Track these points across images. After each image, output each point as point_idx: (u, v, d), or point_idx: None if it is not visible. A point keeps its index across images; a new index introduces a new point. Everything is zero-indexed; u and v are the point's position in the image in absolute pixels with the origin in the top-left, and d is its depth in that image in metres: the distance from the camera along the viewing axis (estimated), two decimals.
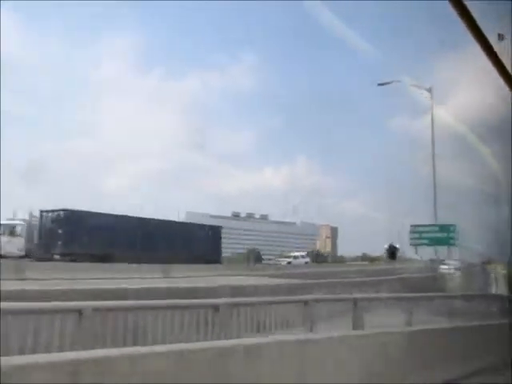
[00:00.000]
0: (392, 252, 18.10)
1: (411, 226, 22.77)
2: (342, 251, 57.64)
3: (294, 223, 70.12)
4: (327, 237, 66.13)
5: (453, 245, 21.79)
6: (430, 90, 22.14)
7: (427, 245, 22.55)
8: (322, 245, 71.95)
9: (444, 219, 22.66)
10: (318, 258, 44.46)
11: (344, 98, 68.87)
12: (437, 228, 22.14)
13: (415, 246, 23.25)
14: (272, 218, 70.97)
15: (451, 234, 21.44)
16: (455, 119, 18.12)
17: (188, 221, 69.54)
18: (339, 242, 64.86)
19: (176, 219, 40.90)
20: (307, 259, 36.92)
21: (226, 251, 62.13)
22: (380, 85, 22.45)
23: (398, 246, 20.52)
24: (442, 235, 21.76)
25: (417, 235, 22.33)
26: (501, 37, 1.38)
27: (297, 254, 38.61)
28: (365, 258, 48.22)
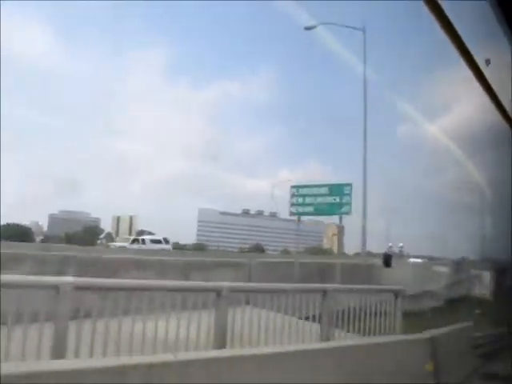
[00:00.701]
0: (386, 260, 17.99)
1: (292, 186, 16.45)
2: (347, 249, 59.79)
3: (302, 221, 72.61)
4: (333, 234, 68.44)
5: (346, 213, 15.00)
6: (363, 30, 19.46)
7: (313, 214, 16.42)
8: (329, 242, 74.41)
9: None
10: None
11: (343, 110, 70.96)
12: (326, 189, 15.29)
13: (297, 216, 16.52)
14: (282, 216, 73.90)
15: (345, 199, 14.69)
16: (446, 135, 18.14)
17: (199, 216, 72.84)
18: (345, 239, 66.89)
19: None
20: (166, 245, 26.80)
21: (235, 245, 65.15)
22: (307, 29, 18.53)
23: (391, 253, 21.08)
24: (332, 200, 14.93)
25: (300, 200, 15.73)
26: (487, 62, 1.38)
27: (147, 237, 28.57)
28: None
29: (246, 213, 78.13)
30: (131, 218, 74.38)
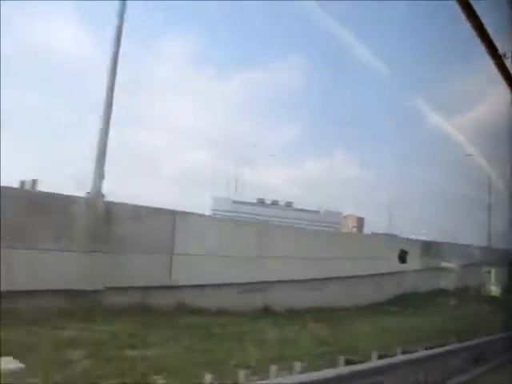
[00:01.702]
0: (402, 256, 19.12)
1: None
2: None
3: (318, 211, 71.56)
4: (353, 226, 67.44)
5: None
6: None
7: None
8: None
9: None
10: None
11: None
12: None
13: None
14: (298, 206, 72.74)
15: None
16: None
17: (213, 205, 72.32)
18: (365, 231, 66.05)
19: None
20: None
21: None
22: None
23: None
24: None
25: None
26: (504, 56, 1.47)
27: None
28: None
29: (261, 202, 76.66)
30: None
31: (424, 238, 27.69)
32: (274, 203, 77.84)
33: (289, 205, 75.74)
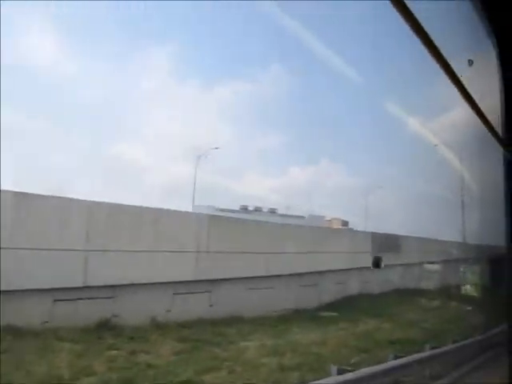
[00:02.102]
0: (376, 261, 17.02)
1: None
2: None
3: (303, 217, 68.77)
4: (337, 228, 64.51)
5: None
6: None
7: None
8: None
9: None
10: None
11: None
12: None
13: None
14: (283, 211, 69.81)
15: None
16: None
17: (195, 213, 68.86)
18: None
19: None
20: None
21: None
22: None
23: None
24: None
25: None
26: (470, 62, 1.42)
27: None
28: None
29: (244, 209, 73.53)
30: None
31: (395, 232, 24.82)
32: (258, 210, 75.27)
33: (272, 211, 73.13)
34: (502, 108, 1.32)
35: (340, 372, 5.70)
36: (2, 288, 7.33)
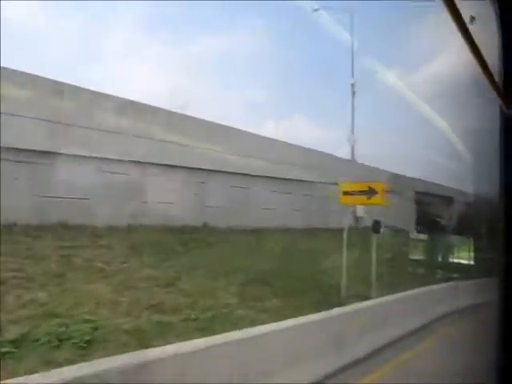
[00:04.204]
0: (375, 226, 17.85)
1: None
2: None
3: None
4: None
5: None
6: None
7: None
8: None
9: None
10: None
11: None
12: None
13: None
14: None
15: None
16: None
17: None
18: None
19: None
20: None
21: None
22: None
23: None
24: None
25: None
26: (472, 19, 1.44)
27: None
28: None
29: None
30: None
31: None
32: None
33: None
34: (500, 65, 1.35)
35: None
36: None
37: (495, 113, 1.49)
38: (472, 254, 18.37)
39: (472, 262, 17.35)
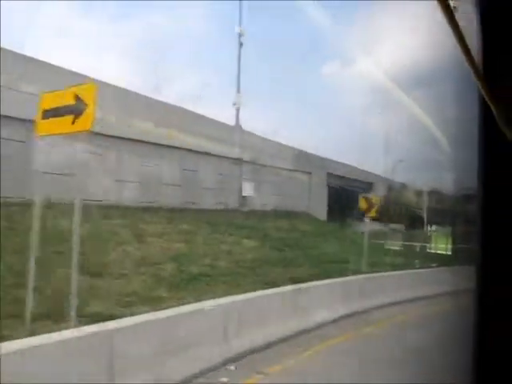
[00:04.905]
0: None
1: None
2: None
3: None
4: None
5: None
6: None
7: None
8: None
9: None
10: None
11: None
12: None
13: None
14: None
15: None
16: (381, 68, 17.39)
17: None
18: None
19: None
20: None
21: None
22: None
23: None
24: None
25: None
26: (454, 9, 1.10)
27: None
28: None
29: None
30: None
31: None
32: None
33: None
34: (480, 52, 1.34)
35: None
36: None
37: (474, 100, 1.46)
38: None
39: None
